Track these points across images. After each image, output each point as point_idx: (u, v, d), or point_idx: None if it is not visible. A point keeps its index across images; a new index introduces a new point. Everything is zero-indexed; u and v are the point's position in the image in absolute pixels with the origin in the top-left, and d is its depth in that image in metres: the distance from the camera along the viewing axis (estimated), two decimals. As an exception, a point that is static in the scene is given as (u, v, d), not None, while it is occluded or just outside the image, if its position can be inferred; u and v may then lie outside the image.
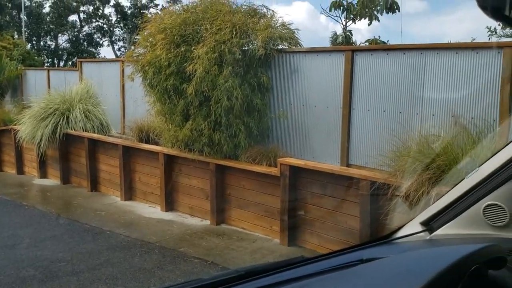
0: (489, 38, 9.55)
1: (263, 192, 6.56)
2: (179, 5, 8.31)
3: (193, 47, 6.51)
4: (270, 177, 6.33)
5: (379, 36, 8.71)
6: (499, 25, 9.58)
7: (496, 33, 9.81)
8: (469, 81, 5.10)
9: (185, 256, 5.87)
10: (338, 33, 10.23)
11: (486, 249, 0.92)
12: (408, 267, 1.05)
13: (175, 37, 6.71)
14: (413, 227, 1.41)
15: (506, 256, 0.95)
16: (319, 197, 5.96)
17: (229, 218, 7.06)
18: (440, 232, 1.35)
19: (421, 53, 5.43)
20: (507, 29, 9.68)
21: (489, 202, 1.25)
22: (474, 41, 7.92)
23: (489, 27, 9.72)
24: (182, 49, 6.62)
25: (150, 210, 7.97)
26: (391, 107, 5.78)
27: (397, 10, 7.62)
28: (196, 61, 6.33)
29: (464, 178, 1.32)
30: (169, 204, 7.83)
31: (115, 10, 32.94)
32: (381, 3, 7.61)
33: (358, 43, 10.29)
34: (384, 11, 7.58)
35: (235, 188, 6.94)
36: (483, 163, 1.28)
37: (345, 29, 9.05)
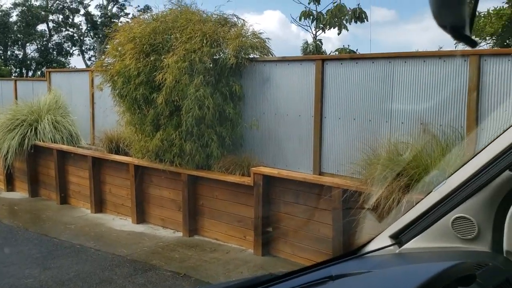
0: (456, 47, 9.78)
1: (236, 202, 6.51)
2: (149, 14, 8.21)
3: (163, 56, 6.44)
4: (244, 187, 6.28)
5: (348, 45, 8.84)
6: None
7: (462, 41, 10.04)
8: (437, 89, 5.19)
9: (157, 269, 5.75)
10: (309, 42, 10.34)
11: (456, 267, 0.90)
12: (379, 286, 1.02)
13: (145, 46, 6.62)
14: (382, 240, 1.38)
15: (475, 272, 0.93)
16: (292, 206, 5.94)
17: (202, 229, 6.97)
18: (409, 245, 1.33)
19: (390, 62, 5.50)
20: (473, 37, 9.94)
21: (457, 215, 1.24)
22: (441, 49, 8.09)
23: (455, 35, 9.95)
24: (151, 58, 6.54)
25: (121, 223, 7.80)
26: (361, 115, 5.83)
27: (365, 20, 7.76)
28: (166, 70, 6.26)
29: (432, 191, 1.31)
30: (141, 216, 7.68)
31: (86, 19, 32.46)
32: (350, 13, 7.72)
33: (328, 52, 10.40)
34: (353, 20, 7.69)
35: (208, 199, 6.86)
36: (451, 176, 1.27)
37: (315, 38, 9.15)
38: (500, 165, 1.15)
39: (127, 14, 32.03)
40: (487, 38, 10.02)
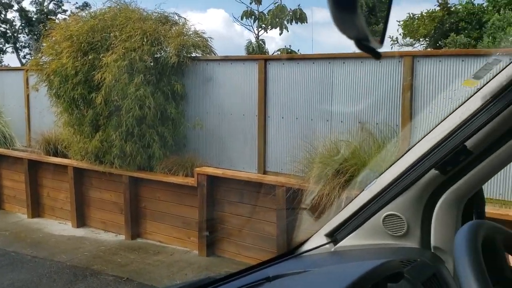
0: (392, 47, 10.19)
1: (180, 203, 6.43)
2: (87, 11, 7.93)
3: (102, 55, 6.25)
4: (187, 188, 6.21)
5: (289, 46, 8.97)
6: (400, 34, 10.28)
7: (397, 42, 10.49)
8: (374, 89, 5.38)
9: (98, 274, 5.58)
10: (252, 42, 10.38)
11: (384, 266, 0.93)
12: (312, 285, 1.04)
13: (83, 45, 6.40)
14: (319, 239, 1.41)
15: (402, 270, 0.97)
16: (237, 205, 5.95)
17: (145, 232, 6.83)
18: (343, 243, 1.36)
19: (329, 63, 5.64)
20: (408, 38, 10.40)
21: (388, 213, 1.28)
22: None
23: (391, 36, 10.37)
24: (90, 57, 6.33)
25: (60, 227, 7.49)
26: (303, 114, 5.93)
27: (306, 20, 7.89)
28: (105, 69, 6.07)
29: (364, 190, 1.35)
30: (81, 220, 7.41)
31: (20, 15, 30.84)
32: (290, 13, 7.84)
33: (272, 51, 10.50)
34: (293, 21, 7.82)
35: (151, 201, 6.72)
36: (381, 174, 1.32)
37: (258, 38, 9.22)
38: (426, 164, 1.20)
39: (64, 11, 30.75)
40: (420, 39, 10.51)
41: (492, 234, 0.74)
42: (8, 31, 31.45)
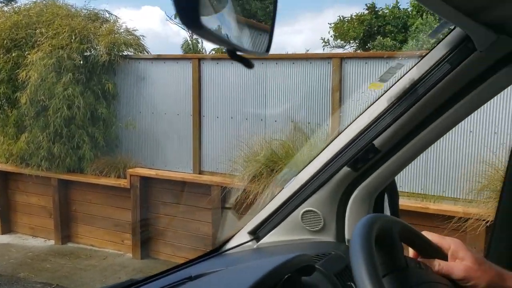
0: (324, 49, 10.50)
1: (112, 205, 6.26)
2: (10, 6, 7.53)
3: (27, 53, 5.96)
4: (120, 190, 6.07)
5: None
6: (331, 36, 10.60)
7: (329, 44, 10.81)
8: (305, 89, 5.52)
9: (25, 281, 5.32)
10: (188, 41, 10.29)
11: (296, 259, 0.97)
12: (230, 281, 1.06)
13: (5, 42, 6.08)
14: (242, 237, 1.44)
15: (314, 263, 1.02)
16: (172, 206, 5.89)
17: (76, 236, 6.59)
18: (265, 240, 1.40)
19: (262, 63, 5.72)
20: (339, 40, 10.75)
21: (306, 209, 1.34)
22: (308, 52, 8.62)
23: (323, 38, 10.67)
24: (13, 55, 6.03)
25: (-17, 235, 7.06)
26: (238, 114, 5.98)
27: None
28: (31, 68, 5.80)
29: (284, 187, 1.40)
30: (6, 226, 7.01)
31: None
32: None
33: (208, 51, 10.48)
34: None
35: (82, 204, 6.50)
36: (300, 172, 1.37)
37: (192, 37, 9.14)
38: (339, 162, 1.27)
39: (-14, 4, 28.93)
40: (351, 41, 10.93)
41: (388, 226, 0.80)
42: None
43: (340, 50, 10.73)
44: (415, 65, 1.16)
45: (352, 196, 1.30)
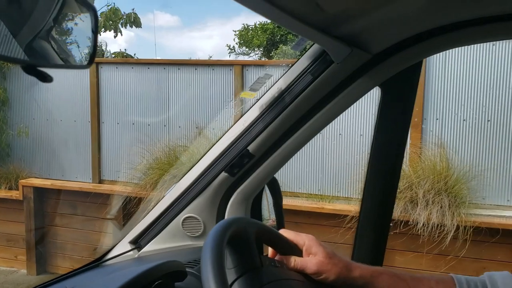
0: (229, 55, 10.64)
1: (3, 219, 5.81)
2: None
3: None
4: (11, 202, 5.65)
5: (125, 49, 8.73)
6: (236, 43, 10.78)
7: (234, 51, 10.97)
8: (208, 95, 5.56)
9: None
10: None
11: (166, 264, 0.99)
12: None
13: None
14: (123, 246, 1.43)
15: (184, 269, 1.04)
16: (70, 218, 5.60)
17: (-39, 255, 6.02)
18: (147, 249, 1.40)
19: (164, 68, 5.66)
20: (244, 48, 10.96)
21: (186, 215, 1.36)
22: (211, 58, 8.70)
23: (229, 45, 10.81)
24: None
25: None
26: (140, 119, 5.86)
27: (141, 25, 7.82)
28: None
29: (165, 195, 1.41)
30: None
31: None
32: (125, 17, 7.67)
33: (106, 55, 10.09)
34: (128, 25, 7.68)
35: (-33, 219, 5.95)
36: (181, 179, 1.39)
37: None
38: (217, 168, 1.31)
39: None
40: (255, 49, 11.18)
41: (243, 228, 0.84)
42: None
43: (245, 57, 10.93)
44: (282, 75, 1.24)
45: (230, 201, 1.34)
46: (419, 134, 4.70)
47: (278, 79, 1.24)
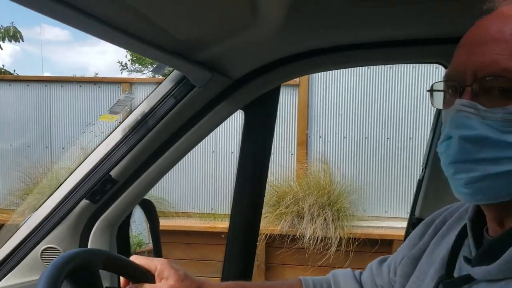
0: (122, 72, 10.33)
1: None
2: None
3: None
4: None
5: (3, 65, 8.05)
6: (129, 60, 10.51)
7: (127, 67, 10.68)
8: (94, 114, 5.32)
9: None
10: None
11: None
12: None
13: None
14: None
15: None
16: None
17: None
18: (3, 284, 1.28)
19: (46, 86, 5.33)
20: (137, 65, 10.71)
21: (45, 246, 1.27)
22: (97, 75, 8.39)
23: (120, 62, 10.50)
24: None
25: None
26: (19, 141, 5.43)
27: (20, 40, 7.27)
28: None
29: (22, 225, 1.31)
30: None
31: None
32: (2, 31, 7.10)
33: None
34: (7, 39, 7.12)
35: None
36: (39, 208, 1.30)
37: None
38: (78, 195, 1.24)
39: None
40: (149, 66, 10.97)
41: (87, 260, 0.80)
42: None
43: (138, 75, 10.67)
44: (146, 98, 1.22)
45: (93, 229, 1.28)
46: (304, 151, 4.93)
47: (142, 102, 1.22)
